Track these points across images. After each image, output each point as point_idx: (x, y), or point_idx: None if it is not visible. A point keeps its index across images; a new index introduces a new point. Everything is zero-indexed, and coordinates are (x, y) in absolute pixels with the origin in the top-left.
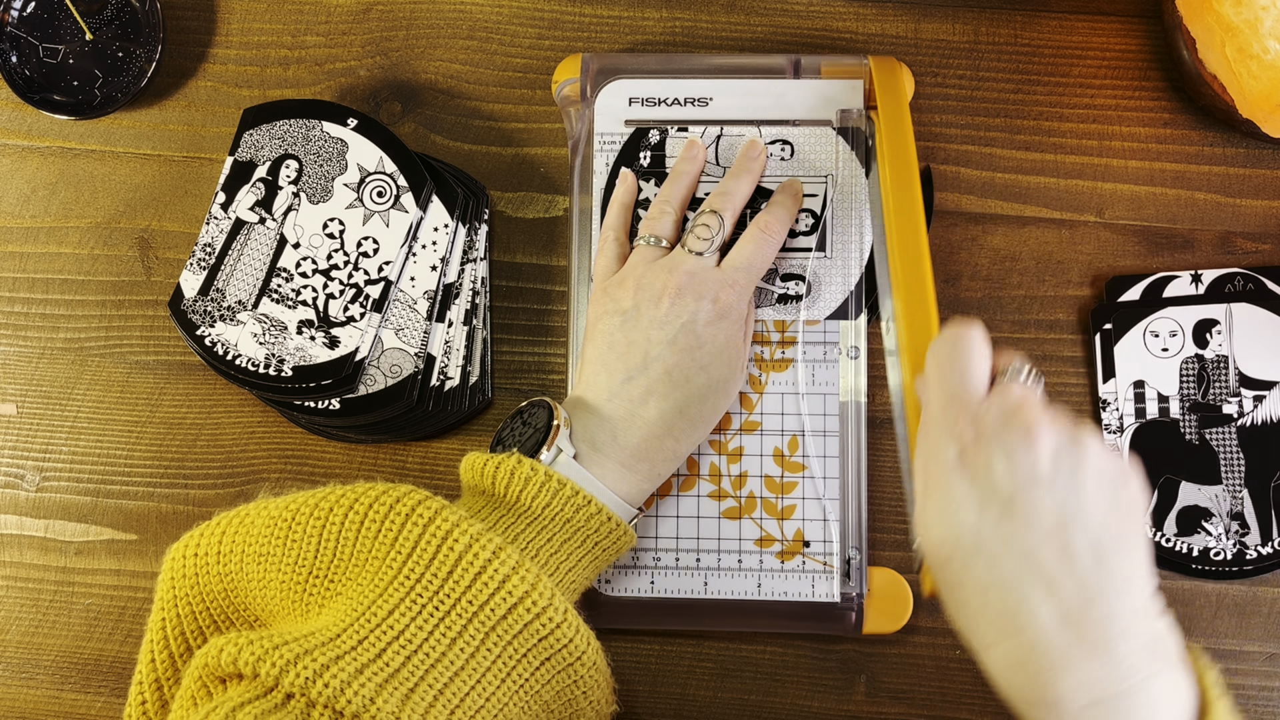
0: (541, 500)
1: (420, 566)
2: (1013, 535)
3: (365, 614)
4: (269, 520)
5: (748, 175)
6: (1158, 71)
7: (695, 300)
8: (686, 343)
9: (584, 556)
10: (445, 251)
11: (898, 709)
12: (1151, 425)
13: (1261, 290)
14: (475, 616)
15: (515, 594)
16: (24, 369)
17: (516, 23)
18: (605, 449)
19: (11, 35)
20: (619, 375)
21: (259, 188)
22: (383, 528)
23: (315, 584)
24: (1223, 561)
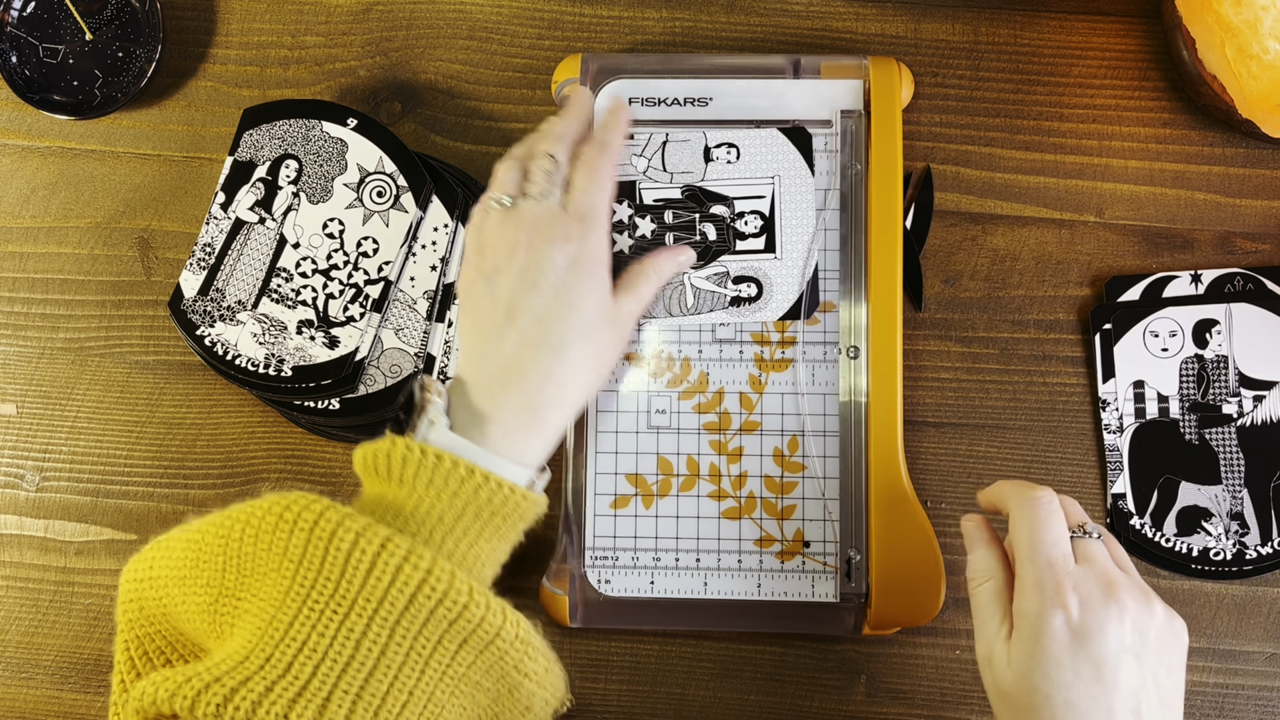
0: (423, 478)
1: (312, 572)
2: (1098, 698)
3: (267, 630)
4: (184, 543)
5: (574, 117)
6: (1158, 71)
7: (547, 243)
8: (550, 285)
9: (484, 530)
10: (445, 251)
11: (898, 709)
12: (1151, 425)
13: (1261, 290)
14: (376, 613)
15: (412, 583)
16: (24, 369)
17: (516, 23)
18: (484, 410)
19: (11, 35)
20: (490, 334)
21: (258, 188)
22: (274, 538)
23: (225, 603)
24: (1223, 561)
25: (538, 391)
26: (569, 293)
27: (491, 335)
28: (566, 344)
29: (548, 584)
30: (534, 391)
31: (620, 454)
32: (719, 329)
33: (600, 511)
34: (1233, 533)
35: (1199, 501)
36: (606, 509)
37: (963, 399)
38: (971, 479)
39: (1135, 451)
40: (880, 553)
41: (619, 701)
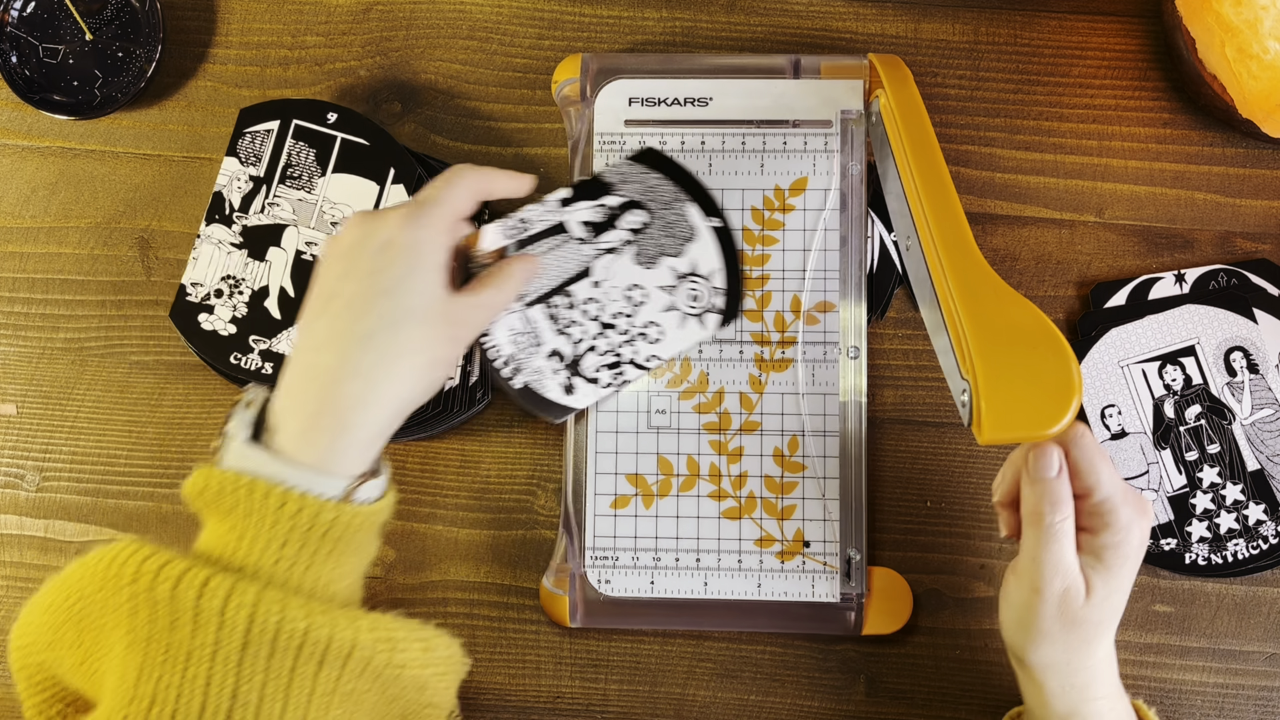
0: (241, 509)
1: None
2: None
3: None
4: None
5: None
6: (1158, 71)
7: (366, 229)
8: (363, 268)
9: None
10: None
11: (898, 709)
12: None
13: (1245, 284)
14: (215, 655)
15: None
16: (24, 369)
17: (516, 23)
18: (283, 417)
19: (11, 35)
20: (305, 324)
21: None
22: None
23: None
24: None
25: (341, 388)
26: (382, 277)
27: (306, 326)
28: (376, 333)
29: (548, 584)
30: (336, 388)
31: (620, 454)
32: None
33: (600, 511)
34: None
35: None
36: (606, 509)
37: None
38: (971, 479)
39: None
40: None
41: (619, 701)
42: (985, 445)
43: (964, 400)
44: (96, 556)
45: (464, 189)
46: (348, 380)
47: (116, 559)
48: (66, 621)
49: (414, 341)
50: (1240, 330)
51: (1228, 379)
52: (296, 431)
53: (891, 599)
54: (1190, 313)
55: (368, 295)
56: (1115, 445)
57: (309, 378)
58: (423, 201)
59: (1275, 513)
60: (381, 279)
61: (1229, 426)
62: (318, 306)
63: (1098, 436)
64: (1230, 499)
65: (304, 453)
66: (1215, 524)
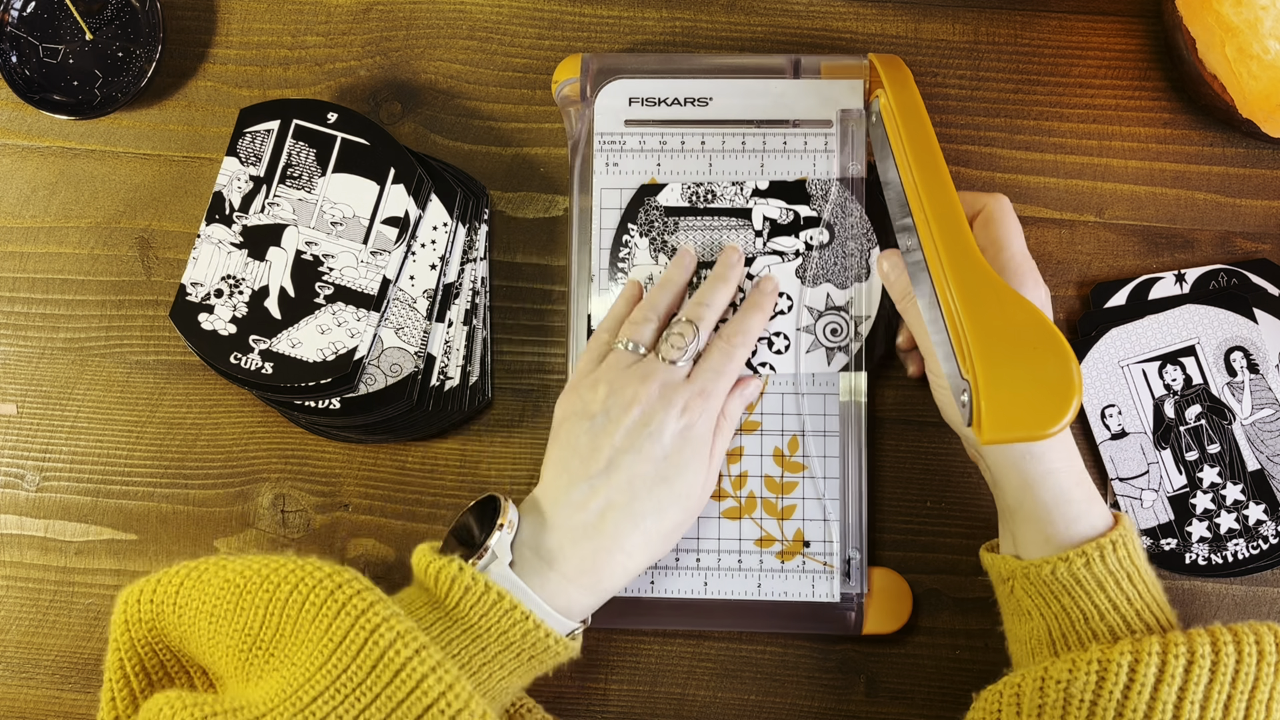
0: (478, 610)
1: (347, 658)
2: None
3: (291, 696)
4: (222, 582)
5: (724, 285)
6: (1158, 71)
7: (664, 410)
8: (651, 453)
9: (518, 666)
10: (445, 251)
11: (898, 709)
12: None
13: (1245, 284)
14: (393, 712)
15: (431, 693)
16: (24, 369)
17: (516, 23)
18: (551, 559)
19: (11, 35)
20: (579, 481)
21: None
22: (320, 612)
23: (258, 654)
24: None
25: (608, 558)
26: (668, 465)
27: (581, 484)
28: (647, 517)
29: None
30: (604, 557)
31: None
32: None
33: None
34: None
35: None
36: None
37: None
38: (972, 479)
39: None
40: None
41: (619, 701)
42: (986, 445)
43: (964, 400)
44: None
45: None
46: (614, 553)
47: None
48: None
49: (675, 523)
50: (1240, 330)
51: (1228, 379)
52: (559, 581)
53: (891, 599)
54: (1190, 313)
55: (650, 480)
56: (1115, 445)
57: (580, 538)
58: (714, 394)
59: (1275, 513)
60: (665, 467)
61: (1229, 426)
62: (597, 467)
63: (1098, 437)
64: (1230, 499)
65: (559, 600)
66: (1215, 524)
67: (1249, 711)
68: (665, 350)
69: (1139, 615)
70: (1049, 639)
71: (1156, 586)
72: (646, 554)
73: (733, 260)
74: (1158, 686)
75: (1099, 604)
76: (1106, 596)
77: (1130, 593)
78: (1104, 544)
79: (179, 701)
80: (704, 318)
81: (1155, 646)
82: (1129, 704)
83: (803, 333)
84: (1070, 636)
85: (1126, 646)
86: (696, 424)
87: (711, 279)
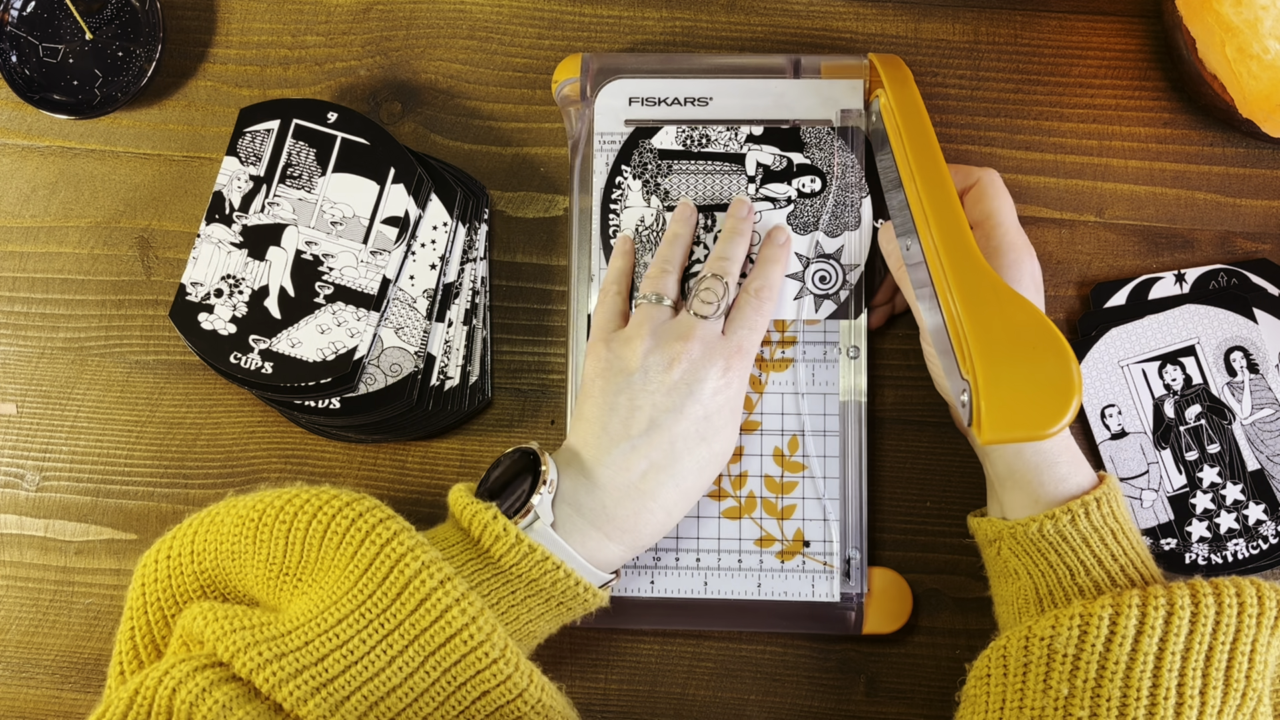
0: (510, 559)
1: (372, 584)
2: None
3: (316, 618)
4: (237, 519)
5: (740, 238)
6: (1158, 71)
7: (706, 367)
8: (694, 412)
9: (546, 611)
10: (445, 250)
11: (898, 709)
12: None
13: (1245, 284)
14: (415, 640)
15: (454, 624)
16: (24, 369)
17: (516, 23)
18: (591, 517)
19: (11, 35)
20: (620, 441)
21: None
22: (344, 540)
23: (286, 579)
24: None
25: (649, 516)
26: (709, 425)
27: (622, 444)
28: (688, 475)
29: None
30: (645, 516)
31: None
32: None
33: None
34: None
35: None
36: None
37: None
38: (971, 479)
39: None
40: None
41: (619, 701)
42: (986, 445)
43: (964, 400)
44: (343, 502)
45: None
46: (654, 511)
47: (367, 516)
48: (267, 539)
49: (710, 478)
50: (1240, 330)
51: (1228, 379)
52: (598, 537)
53: (891, 599)
54: (1190, 313)
55: (691, 439)
56: (1115, 445)
57: (622, 498)
58: (748, 351)
59: (1275, 513)
60: (706, 426)
61: (1229, 426)
62: (638, 428)
63: (1098, 437)
64: (1230, 499)
65: (596, 555)
66: (1215, 524)
67: (1231, 662)
68: (697, 306)
69: (1123, 570)
70: (1035, 597)
71: (1141, 544)
72: (683, 509)
73: (743, 213)
74: (1138, 638)
75: (1084, 559)
76: (1091, 552)
77: (1115, 549)
78: (1088, 501)
79: (211, 613)
80: (729, 271)
81: (1135, 599)
82: (1110, 656)
83: (791, 279)
84: (1056, 593)
85: (1107, 600)
86: (734, 382)
87: (726, 233)
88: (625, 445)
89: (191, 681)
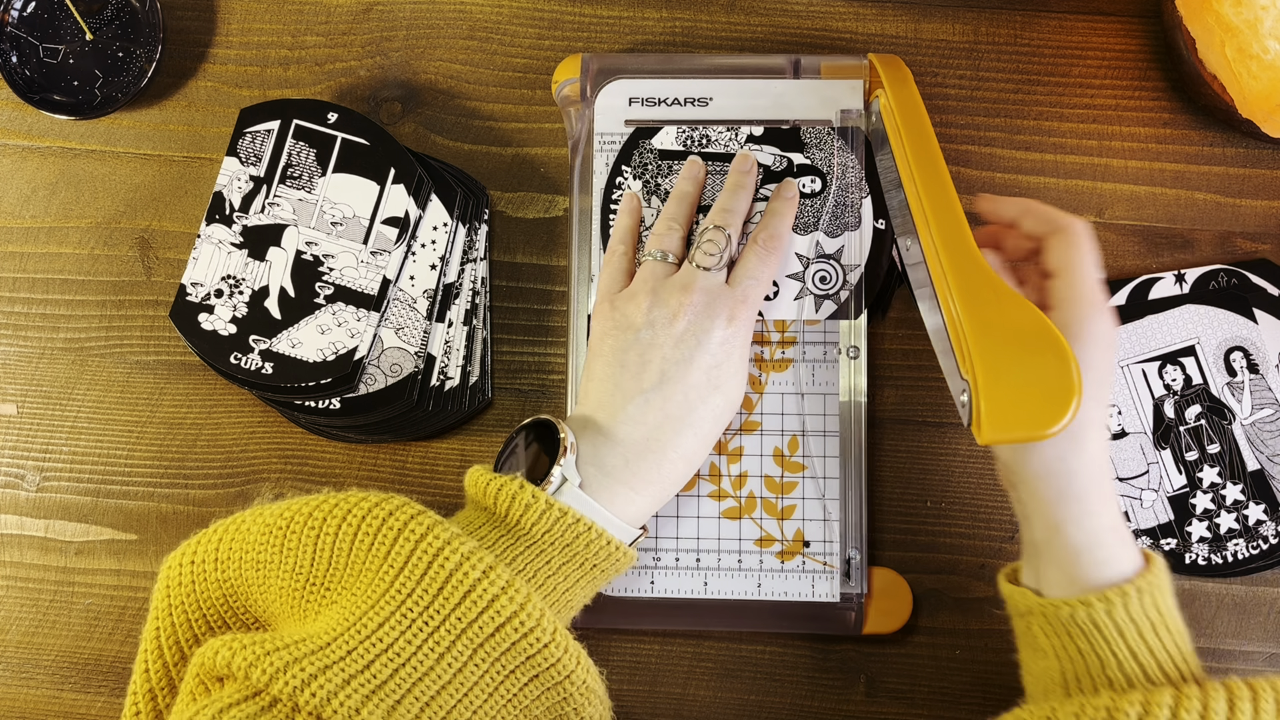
0: (541, 526)
1: (411, 582)
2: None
3: (355, 625)
4: (264, 527)
5: (743, 190)
6: (1158, 71)
7: (711, 318)
8: (703, 361)
9: (581, 577)
10: (445, 251)
11: (898, 709)
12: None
13: (1245, 284)
14: (464, 633)
15: (504, 612)
16: (24, 369)
17: (516, 23)
18: (615, 473)
19: (11, 35)
20: (634, 395)
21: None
22: (375, 541)
23: (312, 590)
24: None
25: (670, 467)
26: (719, 373)
27: (636, 399)
28: (702, 423)
29: None
30: (667, 466)
31: None
32: None
33: None
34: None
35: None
36: None
37: None
38: (971, 479)
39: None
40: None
41: (619, 701)
42: (985, 445)
43: (964, 401)
44: (371, 503)
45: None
46: (675, 461)
47: (398, 514)
48: (294, 547)
49: (724, 424)
50: (1240, 330)
51: (1228, 379)
52: (625, 492)
53: (891, 599)
54: (1190, 313)
55: (703, 388)
56: (1115, 445)
57: (644, 451)
58: (754, 299)
59: (1275, 513)
60: (717, 375)
61: (1229, 426)
62: (650, 381)
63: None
64: (1230, 499)
65: (624, 510)
66: (1215, 524)
67: None
68: (699, 258)
69: (1160, 666)
70: (1062, 680)
71: (1183, 635)
72: (702, 456)
73: (746, 166)
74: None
75: (1117, 651)
76: (1126, 645)
77: (1153, 642)
78: (1128, 590)
79: (236, 643)
80: (731, 223)
81: (1167, 699)
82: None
83: (791, 280)
84: (1085, 680)
85: (1138, 697)
86: (741, 331)
87: (729, 186)
88: (639, 399)
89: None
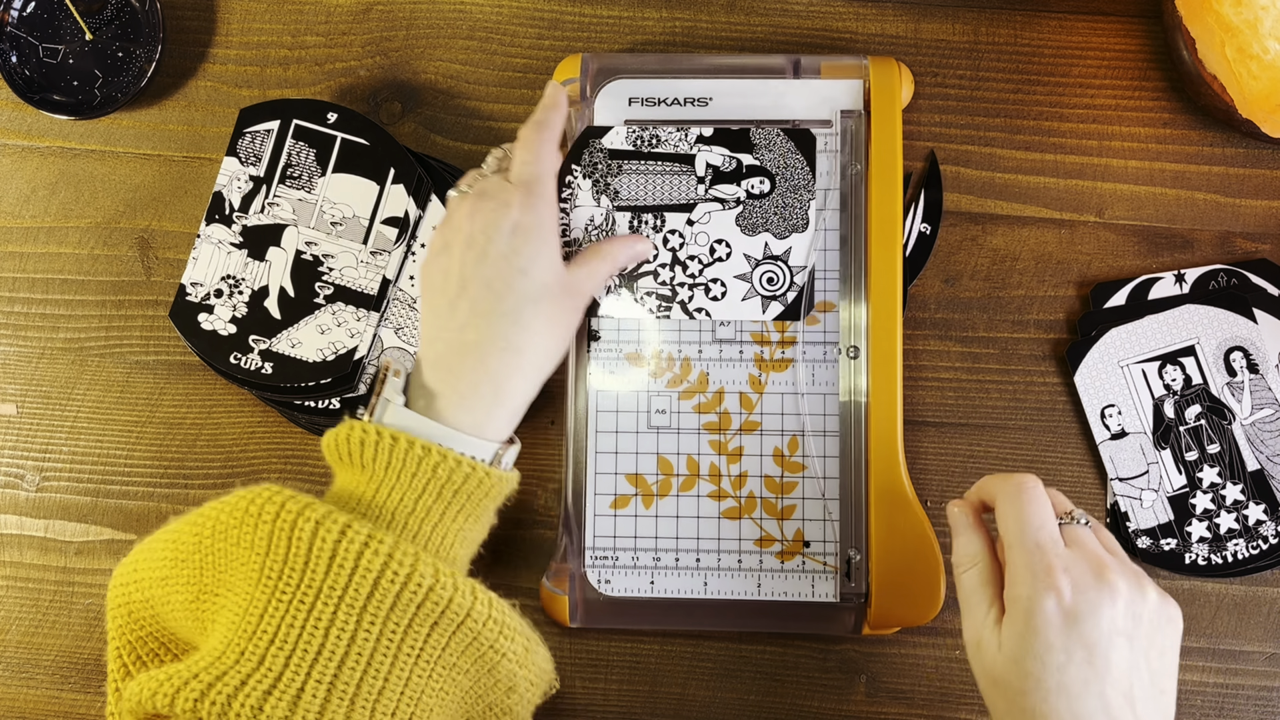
0: (381, 460)
1: (277, 563)
2: (1090, 680)
3: (240, 624)
4: (164, 544)
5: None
6: (1158, 71)
7: (492, 211)
8: (497, 251)
9: (448, 509)
10: None
11: (898, 709)
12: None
13: (1245, 284)
14: (342, 600)
15: (374, 568)
16: (24, 369)
17: (516, 23)
18: (440, 384)
19: (11, 35)
20: (443, 309)
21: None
22: (240, 533)
23: (205, 600)
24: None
25: (495, 360)
26: (517, 258)
27: (444, 310)
28: (520, 309)
29: (548, 584)
30: (491, 360)
31: (620, 454)
32: (719, 329)
33: (600, 511)
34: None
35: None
36: (606, 509)
37: (963, 399)
38: (972, 479)
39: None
40: (880, 553)
41: (619, 701)
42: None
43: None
44: (238, 496)
45: (552, 156)
46: (500, 353)
47: (259, 498)
48: (184, 558)
49: (549, 313)
50: (1240, 330)
51: (1228, 379)
52: (454, 400)
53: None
54: (1190, 313)
55: (506, 276)
56: (1115, 445)
57: (461, 352)
58: (530, 181)
59: (1275, 513)
60: (516, 260)
61: (1229, 426)
62: (453, 290)
63: (1098, 437)
64: (1230, 499)
65: (462, 419)
66: (1215, 524)
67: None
68: (472, 173)
69: None
70: None
71: None
72: (536, 349)
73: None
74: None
75: None
76: None
77: None
78: None
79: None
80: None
81: None
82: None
83: (739, 280)
84: None
85: None
86: (529, 213)
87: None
88: (444, 306)
89: None
